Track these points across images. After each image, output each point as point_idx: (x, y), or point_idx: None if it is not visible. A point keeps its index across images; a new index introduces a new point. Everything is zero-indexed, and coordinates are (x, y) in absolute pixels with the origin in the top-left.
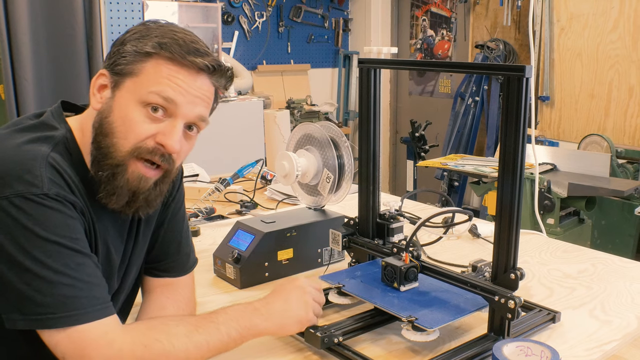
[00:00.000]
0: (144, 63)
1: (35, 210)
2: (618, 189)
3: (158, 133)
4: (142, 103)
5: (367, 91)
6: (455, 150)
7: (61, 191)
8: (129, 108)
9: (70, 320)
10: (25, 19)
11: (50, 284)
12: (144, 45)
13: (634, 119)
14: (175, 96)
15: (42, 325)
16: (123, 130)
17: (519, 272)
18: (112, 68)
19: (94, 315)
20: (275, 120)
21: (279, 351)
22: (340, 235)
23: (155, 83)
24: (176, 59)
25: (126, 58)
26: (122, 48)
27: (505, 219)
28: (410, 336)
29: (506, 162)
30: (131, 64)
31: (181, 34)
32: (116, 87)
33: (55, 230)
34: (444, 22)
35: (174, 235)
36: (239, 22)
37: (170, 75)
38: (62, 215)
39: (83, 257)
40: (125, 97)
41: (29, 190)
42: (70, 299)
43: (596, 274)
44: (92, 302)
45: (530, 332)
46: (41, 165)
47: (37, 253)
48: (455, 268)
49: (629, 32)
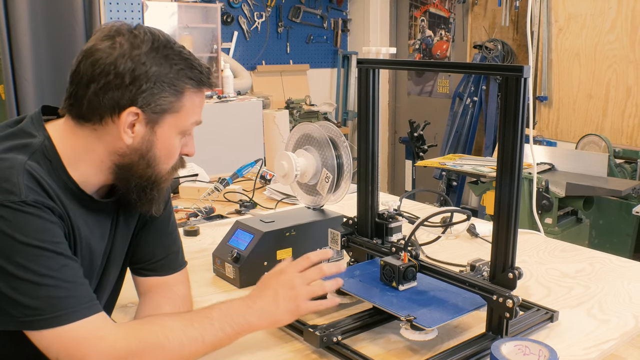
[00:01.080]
0: (181, 99)
1: (14, 217)
2: (616, 189)
3: (183, 146)
4: (182, 133)
5: (366, 91)
6: (454, 150)
7: (39, 198)
8: (172, 139)
9: (59, 320)
10: (25, 19)
11: (36, 287)
12: (180, 82)
13: (632, 119)
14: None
15: (32, 327)
16: (167, 157)
17: (517, 271)
18: (147, 107)
19: (82, 313)
20: (275, 120)
21: (277, 350)
22: (339, 234)
23: (193, 114)
24: (204, 87)
25: (166, 98)
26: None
27: (503, 219)
28: (409, 335)
29: (504, 162)
30: (170, 102)
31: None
32: (155, 123)
33: (35, 235)
34: (442, 22)
35: (161, 235)
36: (238, 23)
37: (200, 103)
38: (41, 221)
39: (65, 259)
40: (168, 131)
41: (7, 198)
42: (57, 299)
43: (594, 274)
44: (79, 300)
45: (528, 331)
46: (18, 173)
47: (19, 259)
48: (453, 267)
49: (627, 32)
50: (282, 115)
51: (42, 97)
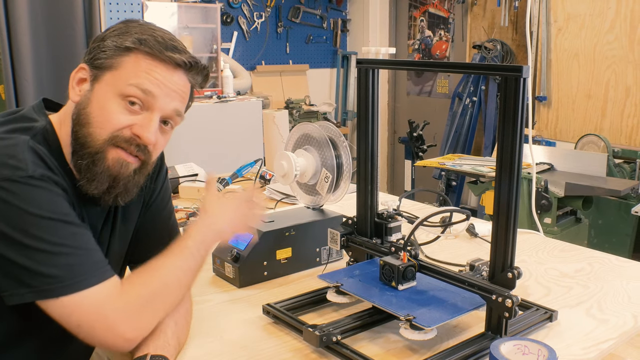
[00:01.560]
0: (123, 57)
1: (23, 191)
2: (615, 189)
3: (135, 124)
4: (120, 95)
5: (365, 91)
6: (453, 150)
7: (45, 172)
8: (107, 99)
9: (79, 285)
10: (25, 20)
11: (52, 256)
12: (124, 41)
13: (631, 119)
14: (153, 89)
15: (50, 295)
16: (100, 119)
17: (516, 271)
18: (91, 62)
19: (100, 277)
20: (274, 120)
21: (277, 349)
22: (338, 234)
23: (134, 76)
24: (155, 54)
25: (106, 52)
26: (102, 43)
27: (502, 219)
28: (408, 335)
29: (504, 161)
30: (111, 58)
31: (160, 32)
32: (95, 80)
33: (46, 207)
34: (441, 22)
35: (160, 233)
36: (237, 23)
37: (148, 69)
38: (49, 193)
39: (76, 227)
40: (104, 89)
41: (15, 174)
42: (75, 266)
43: (593, 273)
44: (95, 266)
45: (528, 330)
46: (23, 150)
47: (33, 230)
48: (452, 267)
49: (626, 32)
50: (282, 115)
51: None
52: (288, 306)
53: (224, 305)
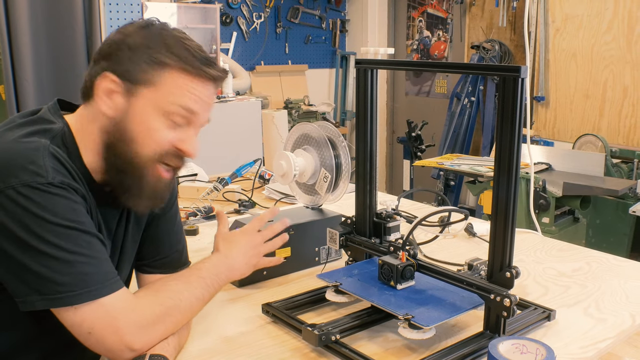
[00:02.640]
0: (161, 73)
1: (42, 198)
2: (612, 189)
3: (177, 140)
4: (163, 114)
5: (364, 91)
6: (452, 150)
7: (64, 179)
8: (150, 117)
9: (91, 294)
10: (25, 20)
11: (67, 264)
12: (159, 55)
13: (628, 119)
14: (196, 107)
15: (63, 303)
16: (145, 137)
17: (515, 270)
18: (123, 75)
19: (112, 287)
20: (273, 120)
21: (276, 349)
22: (337, 234)
23: (177, 95)
24: (193, 72)
25: (141, 66)
26: (131, 54)
27: (500, 218)
28: (407, 334)
29: (502, 161)
30: (147, 73)
31: (189, 41)
32: (131, 94)
33: (63, 215)
34: (440, 23)
35: (166, 233)
36: (237, 23)
37: (187, 86)
38: (67, 201)
39: (91, 237)
40: (144, 105)
41: (34, 180)
42: (88, 275)
43: (591, 273)
44: (108, 275)
45: (526, 330)
46: (44, 155)
47: (50, 237)
48: (451, 266)
49: (623, 33)
50: (281, 115)
51: (42, 97)
52: (287, 305)
53: (223, 304)
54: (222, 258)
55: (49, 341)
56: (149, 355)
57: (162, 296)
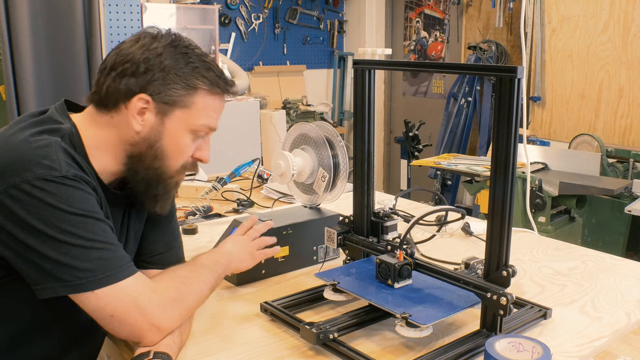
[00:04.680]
0: (193, 96)
1: (57, 190)
2: (608, 188)
3: (196, 150)
4: (192, 132)
5: (362, 92)
6: (449, 149)
7: (77, 172)
8: (181, 136)
9: (112, 278)
10: (25, 21)
11: (87, 250)
12: (192, 79)
13: (624, 119)
14: (217, 124)
15: (84, 289)
16: (175, 153)
17: (511, 269)
18: (157, 96)
19: (129, 270)
20: (272, 120)
21: (274, 347)
22: (335, 233)
23: (206, 116)
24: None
25: (177, 91)
26: (165, 77)
27: (497, 217)
28: (404, 332)
29: (498, 161)
30: (182, 97)
31: (211, 62)
32: (165, 114)
33: (79, 205)
34: (437, 23)
35: (163, 230)
36: (235, 24)
37: (214, 106)
38: (81, 192)
39: (105, 224)
40: (177, 125)
41: (49, 173)
42: (107, 260)
43: (587, 272)
44: (125, 260)
45: (522, 328)
46: (57, 150)
47: (67, 226)
48: (448, 265)
49: (619, 33)
50: (279, 115)
51: (43, 97)
52: (285, 304)
53: (222, 303)
54: (217, 249)
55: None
56: (154, 352)
57: (178, 281)
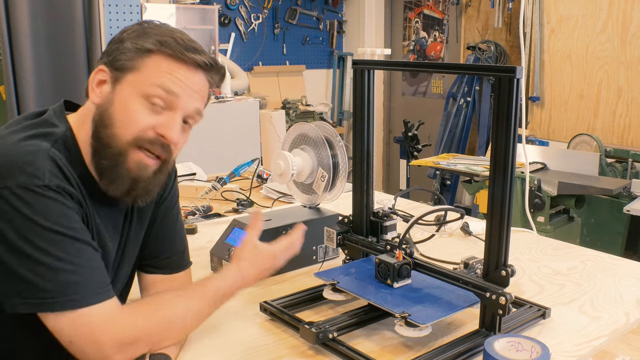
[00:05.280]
0: (144, 59)
1: (36, 201)
2: (607, 188)
3: (158, 124)
4: (143, 95)
5: (361, 92)
6: (448, 149)
7: (61, 183)
8: (130, 100)
9: (72, 304)
10: (25, 21)
11: (52, 271)
12: (145, 43)
13: (623, 119)
14: (176, 89)
15: (43, 309)
16: (124, 120)
17: (510, 269)
18: (111, 64)
19: (96, 298)
20: (271, 120)
21: (274, 346)
22: (334, 233)
23: (157, 77)
24: (176, 56)
25: (127, 54)
26: (121, 45)
27: (496, 217)
28: (403, 332)
29: (497, 161)
30: (132, 60)
31: (178, 34)
32: (117, 81)
33: (55, 219)
34: (436, 24)
35: (168, 233)
36: (235, 24)
37: (170, 70)
38: (61, 206)
39: (82, 244)
40: (127, 89)
41: (31, 182)
42: (72, 284)
43: (585, 271)
44: (93, 286)
45: (521, 327)
46: (43, 158)
47: (39, 241)
48: (447, 265)
49: (618, 33)
50: (279, 115)
51: (43, 97)
52: (285, 303)
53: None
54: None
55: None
56: (150, 354)
57: (152, 309)
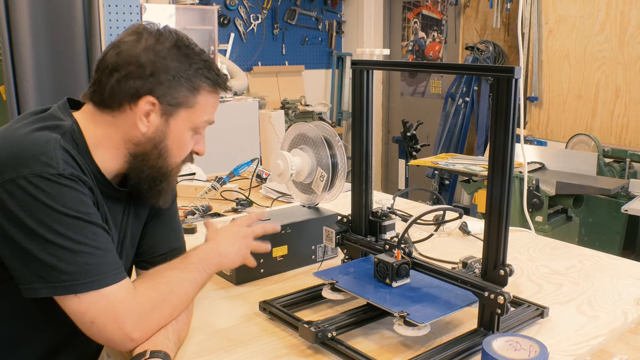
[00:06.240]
0: (196, 96)
1: (52, 189)
2: (605, 187)
3: (194, 144)
4: (194, 129)
5: (360, 92)
6: (446, 149)
7: (74, 171)
8: (184, 134)
9: (95, 284)
10: (25, 21)
11: (73, 254)
12: (196, 80)
13: (620, 119)
14: (214, 119)
15: (66, 291)
16: (178, 151)
17: (508, 268)
18: (163, 98)
19: (115, 278)
20: (270, 120)
21: (273, 345)
22: (333, 232)
23: (207, 113)
24: (219, 90)
25: (181, 92)
26: (172, 79)
27: (494, 217)
28: (402, 331)
29: (496, 161)
30: (186, 97)
31: (209, 59)
32: (170, 115)
33: (71, 205)
34: (435, 24)
35: (165, 231)
36: (234, 25)
37: (214, 103)
38: (76, 192)
39: (97, 228)
40: (181, 125)
41: (45, 170)
42: (92, 265)
43: (583, 271)
44: (111, 266)
45: (519, 327)
46: (55, 147)
47: (57, 227)
48: (446, 264)
49: (616, 34)
50: (278, 115)
51: (43, 97)
52: (284, 303)
53: (221, 302)
54: (210, 244)
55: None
56: (150, 351)
57: (156, 283)
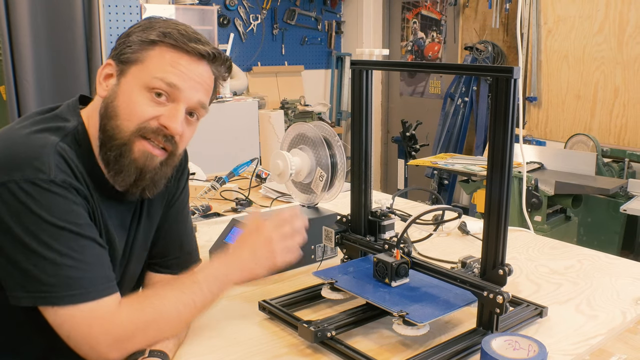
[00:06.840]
0: (148, 51)
1: (41, 196)
2: (604, 187)
3: (161, 116)
4: (146, 88)
5: (359, 92)
6: (445, 149)
7: (67, 178)
8: (134, 92)
9: (73, 299)
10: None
11: (55, 266)
12: (149, 35)
13: (619, 119)
14: (178, 81)
15: (45, 303)
16: (127, 111)
17: (507, 268)
18: (118, 57)
19: (97, 294)
20: (270, 120)
21: (272, 345)
22: (333, 232)
23: (160, 69)
24: (179, 46)
25: (132, 47)
26: (127, 39)
27: (493, 217)
28: (401, 330)
29: (495, 161)
30: (137, 52)
31: (182, 26)
32: (122, 74)
33: (60, 215)
34: (434, 24)
35: (178, 234)
36: (234, 25)
37: (173, 61)
38: (67, 201)
39: (86, 240)
40: (130, 82)
41: (36, 176)
42: (74, 279)
43: (582, 270)
44: (95, 282)
45: (518, 326)
46: (50, 152)
47: (43, 236)
48: (445, 264)
49: (614, 34)
50: (277, 115)
51: (43, 97)
52: (283, 302)
53: (220, 302)
54: (230, 259)
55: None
56: (149, 350)
57: (146, 303)
